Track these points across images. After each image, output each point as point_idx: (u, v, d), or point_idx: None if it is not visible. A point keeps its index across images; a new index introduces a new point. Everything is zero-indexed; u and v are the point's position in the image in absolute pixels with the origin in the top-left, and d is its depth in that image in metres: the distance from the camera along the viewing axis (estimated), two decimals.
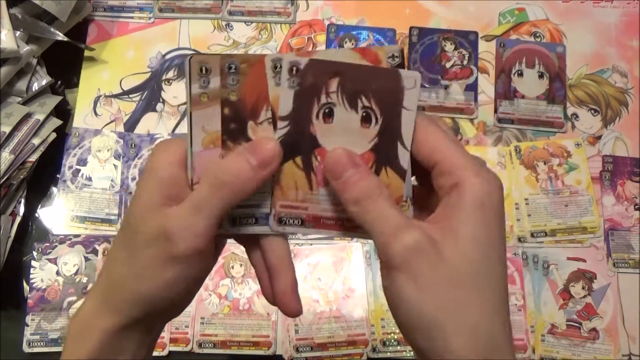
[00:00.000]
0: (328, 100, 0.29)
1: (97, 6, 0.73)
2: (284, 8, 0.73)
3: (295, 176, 0.30)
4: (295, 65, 0.29)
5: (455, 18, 0.73)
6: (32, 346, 0.59)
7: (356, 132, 0.30)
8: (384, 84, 0.29)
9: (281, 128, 0.30)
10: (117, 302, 0.30)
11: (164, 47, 0.72)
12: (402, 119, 0.29)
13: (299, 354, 0.59)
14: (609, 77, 0.71)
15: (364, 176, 0.28)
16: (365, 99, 0.29)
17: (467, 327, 0.26)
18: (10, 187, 0.61)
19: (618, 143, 0.68)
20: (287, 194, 0.31)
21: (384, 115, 0.29)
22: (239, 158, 0.29)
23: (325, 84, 0.29)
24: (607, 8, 0.74)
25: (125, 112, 0.69)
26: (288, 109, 0.29)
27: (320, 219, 0.31)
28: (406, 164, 0.30)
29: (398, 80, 0.29)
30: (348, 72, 0.29)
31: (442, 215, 0.28)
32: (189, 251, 0.28)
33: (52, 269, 0.61)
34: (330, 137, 0.30)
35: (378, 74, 0.29)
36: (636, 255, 0.63)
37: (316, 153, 0.30)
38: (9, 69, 0.61)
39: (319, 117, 0.29)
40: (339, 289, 0.61)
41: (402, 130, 0.29)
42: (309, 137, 0.30)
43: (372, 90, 0.29)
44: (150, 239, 0.29)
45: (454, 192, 0.28)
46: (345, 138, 0.30)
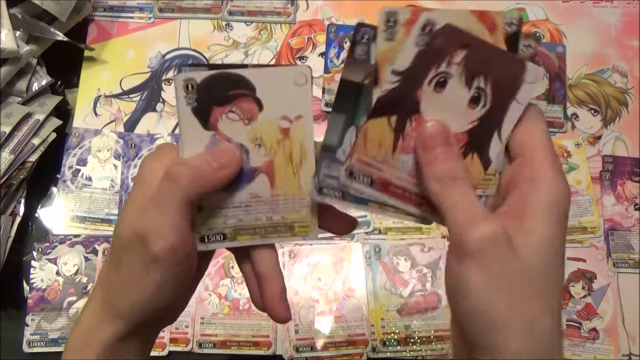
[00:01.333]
0: (447, 69, 0.28)
1: (97, 6, 0.73)
2: (284, 8, 0.73)
3: (383, 134, 0.29)
4: (430, 24, 0.27)
5: None
6: (32, 346, 0.59)
7: (460, 110, 0.29)
8: (506, 71, 0.28)
9: (390, 82, 0.28)
10: (112, 313, 0.31)
11: (164, 47, 0.72)
12: (509, 110, 0.28)
13: (299, 354, 0.59)
14: (609, 77, 0.71)
15: (454, 157, 0.28)
16: (482, 80, 0.28)
17: (530, 328, 0.26)
18: (10, 187, 0.61)
19: (618, 143, 0.68)
20: (368, 150, 0.30)
21: (494, 102, 0.28)
22: (198, 157, 0.30)
23: (451, 52, 0.28)
24: (607, 8, 0.74)
25: (125, 112, 0.69)
26: (405, 65, 0.28)
27: (390, 185, 0.30)
28: (494, 155, 0.29)
29: (522, 72, 0.28)
30: (477, 48, 0.28)
31: (516, 209, 0.27)
32: (164, 249, 0.28)
33: (52, 269, 0.61)
34: (434, 107, 0.29)
35: (505, 58, 0.28)
36: (636, 255, 0.63)
37: (413, 118, 0.29)
38: (9, 69, 0.61)
39: (431, 83, 0.28)
40: (339, 289, 0.61)
41: (505, 122, 0.29)
42: (412, 100, 0.29)
43: (493, 73, 0.28)
44: (127, 245, 0.29)
45: (529, 185, 0.27)
46: (447, 112, 0.29)
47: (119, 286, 0.30)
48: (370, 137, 0.29)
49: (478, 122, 0.29)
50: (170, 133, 0.68)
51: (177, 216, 0.29)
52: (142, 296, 0.30)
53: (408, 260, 0.62)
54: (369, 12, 0.73)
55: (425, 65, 0.28)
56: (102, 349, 0.30)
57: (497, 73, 0.28)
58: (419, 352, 0.59)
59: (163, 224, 0.28)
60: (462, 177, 0.28)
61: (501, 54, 0.28)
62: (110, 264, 0.31)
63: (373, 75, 0.29)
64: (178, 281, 0.30)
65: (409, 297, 0.61)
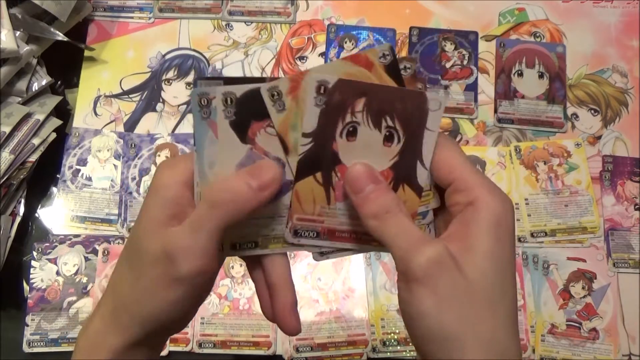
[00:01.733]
0: (353, 119, 0.30)
1: (97, 6, 0.73)
2: (284, 8, 0.73)
3: (314, 191, 0.31)
4: (323, 84, 0.29)
5: (455, 18, 0.73)
6: (32, 346, 0.59)
7: (378, 150, 0.30)
8: (409, 106, 0.29)
9: (303, 145, 0.30)
10: (124, 321, 0.31)
11: (164, 47, 0.72)
12: (424, 139, 0.30)
13: (299, 354, 0.59)
14: (609, 77, 0.71)
15: (384, 192, 0.29)
16: (389, 119, 0.30)
17: (484, 341, 0.26)
18: (10, 187, 0.61)
19: (618, 143, 0.68)
20: (305, 208, 0.31)
21: (407, 135, 0.30)
22: (238, 179, 0.29)
23: (351, 103, 0.29)
24: (607, 8, 0.74)
25: (125, 112, 0.69)
26: (312, 126, 0.30)
27: (336, 231, 0.32)
28: (423, 181, 0.30)
29: (423, 102, 0.29)
30: (374, 93, 0.29)
31: (458, 232, 0.28)
32: (192, 273, 0.29)
33: (52, 269, 0.61)
34: (352, 154, 0.30)
35: (404, 95, 0.30)
36: (636, 255, 0.63)
37: (337, 169, 0.30)
38: (9, 69, 0.61)
39: (342, 135, 0.30)
40: (339, 289, 0.61)
41: (423, 150, 0.30)
42: (330, 154, 0.30)
43: (396, 111, 0.29)
44: (153, 260, 0.29)
45: (469, 209, 0.28)
46: (366, 156, 0.30)
47: (136, 295, 0.30)
48: (303, 197, 0.31)
49: (398, 156, 0.30)
50: (170, 133, 0.68)
51: (210, 242, 0.29)
52: (159, 309, 0.30)
53: None
54: (369, 12, 0.73)
55: (331, 122, 0.30)
56: (111, 354, 0.31)
57: (401, 109, 0.29)
58: None
59: (194, 247, 0.29)
60: (397, 208, 0.29)
61: (398, 91, 0.30)
62: (126, 270, 0.31)
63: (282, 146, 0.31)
64: (197, 299, 0.31)
65: None
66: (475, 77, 0.70)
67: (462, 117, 0.69)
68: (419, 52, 0.71)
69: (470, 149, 0.67)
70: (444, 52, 0.71)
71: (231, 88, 0.30)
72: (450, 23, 0.73)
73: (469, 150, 0.67)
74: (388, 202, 0.29)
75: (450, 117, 0.69)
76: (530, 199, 0.65)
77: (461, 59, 0.71)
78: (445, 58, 0.71)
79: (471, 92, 0.69)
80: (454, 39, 0.72)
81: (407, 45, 0.71)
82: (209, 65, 0.71)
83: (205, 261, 0.29)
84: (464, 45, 0.71)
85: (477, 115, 0.69)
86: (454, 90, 0.69)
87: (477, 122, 0.69)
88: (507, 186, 0.65)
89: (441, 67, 0.70)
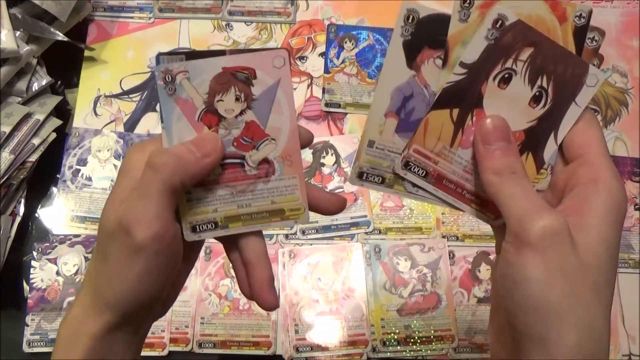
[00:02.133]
0: (513, 66, 0.29)
1: (97, 6, 0.73)
2: (284, 8, 0.73)
3: (443, 127, 0.30)
4: (501, 18, 0.28)
5: None
6: (32, 346, 0.59)
7: (521, 108, 0.29)
8: (569, 72, 0.29)
9: (457, 73, 0.29)
10: (100, 304, 0.31)
11: (164, 47, 0.72)
12: (568, 112, 0.29)
13: (299, 354, 0.59)
14: (609, 77, 0.71)
15: (514, 152, 0.29)
16: (545, 79, 0.29)
17: (583, 325, 0.26)
18: (10, 187, 0.61)
19: (618, 143, 0.68)
20: (427, 141, 0.30)
21: (554, 102, 0.29)
22: (181, 146, 0.30)
23: (518, 49, 0.28)
24: (607, 8, 0.74)
25: (125, 112, 0.69)
26: (473, 58, 0.29)
27: (444, 179, 0.31)
28: (548, 156, 0.30)
29: (584, 75, 0.29)
30: (544, 47, 0.28)
31: (576, 207, 0.28)
32: (147, 239, 0.28)
33: (52, 269, 0.61)
34: (496, 102, 0.29)
35: (570, 60, 0.29)
36: (636, 255, 0.63)
37: (475, 112, 0.29)
38: (9, 69, 0.61)
39: (495, 79, 0.29)
40: (339, 289, 0.61)
41: (562, 123, 0.29)
42: (476, 94, 0.29)
43: (556, 73, 0.29)
44: (111, 235, 0.29)
45: (590, 186, 0.28)
46: (508, 109, 0.29)
47: (105, 277, 0.30)
48: (431, 128, 0.30)
49: (536, 121, 0.29)
50: None
51: (160, 205, 0.29)
52: (128, 286, 0.30)
53: (408, 260, 0.62)
54: (369, 12, 0.73)
55: (492, 60, 0.29)
56: (91, 340, 0.30)
57: (560, 74, 0.29)
58: (419, 352, 0.59)
59: (145, 213, 0.28)
60: (521, 171, 0.28)
61: (567, 54, 0.29)
62: (96, 255, 0.31)
63: (444, 55, 0.30)
64: (163, 270, 0.30)
65: (409, 297, 0.61)
66: None
67: None
68: None
69: None
70: None
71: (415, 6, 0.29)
72: None
73: None
74: (515, 163, 0.28)
75: None
76: None
77: None
78: None
79: None
80: None
81: None
82: None
83: (158, 226, 0.28)
84: None
85: None
86: None
87: None
88: None
89: None
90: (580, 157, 0.29)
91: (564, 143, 0.30)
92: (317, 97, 0.69)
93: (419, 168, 0.31)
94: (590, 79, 0.29)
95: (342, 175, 0.65)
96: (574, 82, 0.29)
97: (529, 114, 0.29)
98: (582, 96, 0.29)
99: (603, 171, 0.28)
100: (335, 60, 0.71)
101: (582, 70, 0.29)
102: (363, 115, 0.69)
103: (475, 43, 0.28)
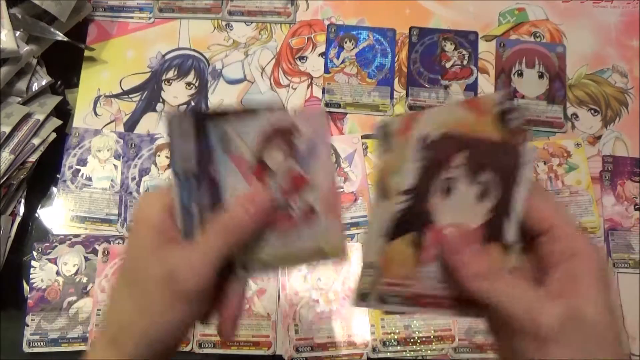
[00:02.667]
0: (450, 175, 0.30)
1: (97, 6, 0.73)
2: (284, 8, 0.73)
3: (403, 253, 0.31)
4: (425, 137, 0.29)
5: (455, 18, 0.73)
6: (32, 346, 0.59)
7: (471, 208, 0.30)
8: (505, 160, 0.29)
9: (400, 202, 0.30)
10: (126, 343, 0.32)
11: (164, 47, 0.72)
12: (516, 194, 0.30)
13: (299, 354, 0.59)
14: (609, 77, 0.71)
15: (485, 253, 0.30)
16: (484, 175, 0.30)
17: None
18: (10, 187, 0.61)
19: (618, 143, 0.68)
20: (392, 272, 0.31)
21: (500, 190, 0.30)
22: (239, 208, 0.32)
23: (451, 157, 0.29)
24: (607, 8, 0.74)
25: (125, 112, 0.69)
26: (410, 183, 0.30)
27: (421, 296, 0.32)
28: (511, 238, 0.30)
29: (519, 156, 0.29)
30: (475, 147, 0.29)
31: (569, 284, 0.29)
32: (196, 291, 0.31)
33: (52, 269, 0.61)
34: (446, 212, 0.30)
35: (501, 149, 0.30)
36: (636, 255, 0.63)
37: (429, 229, 0.30)
38: (9, 69, 0.61)
39: (437, 192, 0.30)
40: (339, 289, 0.61)
41: (515, 204, 0.30)
42: (425, 213, 0.30)
43: (492, 166, 0.30)
44: (157, 280, 0.31)
45: (574, 261, 0.29)
46: (460, 213, 0.30)
47: (140, 319, 0.31)
48: (391, 259, 0.31)
49: (490, 213, 0.30)
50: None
51: (214, 261, 0.31)
52: (165, 329, 0.31)
53: None
54: (369, 12, 0.73)
55: (429, 177, 0.30)
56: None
57: (498, 164, 0.30)
58: (419, 352, 0.59)
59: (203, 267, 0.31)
60: (501, 268, 0.29)
61: (497, 145, 0.30)
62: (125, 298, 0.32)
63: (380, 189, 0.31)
64: (195, 316, 0.33)
65: None
66: (475, 77, 0.70)
67: None
68: (419, 52, 0.71)
69: None
70: (444, 52, 0.71)
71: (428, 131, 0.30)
72: (450, 23, 0.73)
73: None
74: (494, 261, 0.29)
75: None
76: None
77: (461, 59, 0.71)
78: (445, 58, 0.71)
79: (471, 92, 0.69)
80: (454, 39, 0.72)
81: (407, 45, 0.71)
82: (209, 65, 0.71)
83: (208, 281, 0.31)
84: (464, 45, 0.71)
85: None
86: (454, 90, 0.69)
87: None
88: None
89: (441, 67, 0.70)
90: (547, 231, 0.30)
91: (525, 221, 0.30)
92: (317, 97, 0.69)
93: (394, 297, 0.32)
94: (526, 157, 0.29)
95: (342, 175, 0.65)
96: (511, 166, 0.29)
97: (481, 210, 0.30)
98: (523, 174, 0.30)
99: (577, 243, 0.29)
100: (335, 60, 0.71)
101: (516, 152, 0.29)
102: (363, 115, 0.69)
103: (407, 168, 0.30)
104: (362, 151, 0.66)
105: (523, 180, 0.30)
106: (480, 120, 0.30)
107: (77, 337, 0.59)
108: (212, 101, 0.70)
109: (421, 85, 0.70)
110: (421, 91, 0.69)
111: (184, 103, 0.70)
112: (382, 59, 0.71)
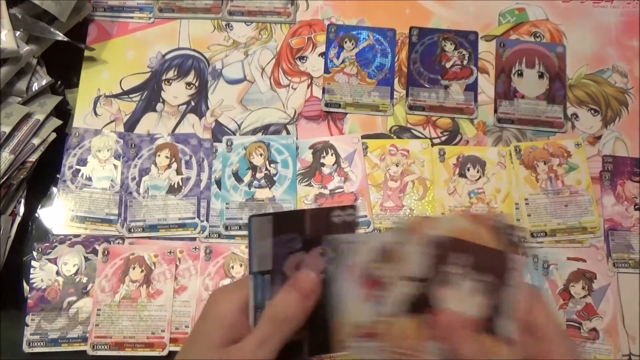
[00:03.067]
0: (452, 269, 0.34)
1: (97, 6, 0.73)
2: (284, 8, 0.73)
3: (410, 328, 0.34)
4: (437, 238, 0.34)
5: (455, 18, 0.73)
6: (32, 346, 0.59)
7: (469, 300, 0.34)
8: (498, 265, 0.34)
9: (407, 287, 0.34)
10: None
11: (164, 47, 0.72)
12: (508, 295, 0.34)
13: None
14: (609, 77, 0.71)
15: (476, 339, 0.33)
16: (484, 275, 0.34)
17: None
18: (10, 187, 0.61)
19: (618, 143, 0.68)
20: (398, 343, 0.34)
21: (493, 289, 0.34)
22: (288, 295, 0.35)
23: (455, 256, 0.34)
24: (607, 8, 0.74)
25: (125, 112, 0.69)
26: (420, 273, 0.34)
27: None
28: (504, 332, 0.34)
29: (512, 263, 0.34)
30: (477, 253, 0.34)
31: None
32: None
33: (52, 269, 0.61)
34: (447, 301, 0.34)
35: (499, 256, 0.34)
36: (636, 255, 0.63)
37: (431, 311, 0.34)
38: (9, 69, 0.61)
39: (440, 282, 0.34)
40: None
41: (506, 304, 0.34)
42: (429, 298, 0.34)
43: (491, 268, 0.34)
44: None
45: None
46: (459, 303, 0.34)
47: None
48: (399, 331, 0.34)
49: (484, 307, 0.34)
50: (170, 133, 0.68)
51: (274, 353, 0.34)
52: None
53: None
54: (369, 12, 0.73)
55: (435, 269, 0.34)
56: None
57: (494, 267, 0.34)
58: None
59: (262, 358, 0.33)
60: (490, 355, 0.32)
61: (495, 252, 0.34)
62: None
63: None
64: None
65: None
66: (475, 77, 0.70)
67: (462, 117, 0.69)
68: (419, 52, 0.71)
69: (470, 149, 0.67)
70: (444, 52, 0.71)
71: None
72: (450, 23, 0.73)
73: (469, 151, 0.67)
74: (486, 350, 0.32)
75: (450, 117, 0.69)
76: (530, 199, 0.65)
77: (461, 59, 0.71)
78: (445, 58, 0.71)
79: (471, 92, 0.69)
80: (454, 39, 0.72)
81: (407, 45, 0.71)
82: (209, 65, 0.71)
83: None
84: (464, 45, 0.71)
85: (477, 115, 0.69)
86: (454, 90, 0.69)
87: (477, 122, 0.69)
88: (507, 186, 0.65)
89: (441, 67, 0.70)
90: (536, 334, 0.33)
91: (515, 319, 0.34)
92: (317, 97, 0.69)
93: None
94: (515, 264, 0.34)
95: (342, 175, 0.65)
96: (503, 269, 0.34)
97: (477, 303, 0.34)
98: (516, 278, 0.34)
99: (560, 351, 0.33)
100: (335, 60, 0.71)
101: (508, 260, 0.34)
102: (363, 115, 0.69)
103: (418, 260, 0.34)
104: (362, 151, 0.66)
105: (512, 282, 0.34)
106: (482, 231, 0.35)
107: (77, 337, 0.59)
108: (212, 101, 0.70)
109: (421, 85, 0.70)
110: (421, 91, 0.69)
111: (184, 103, 0.70)
112: (382, 59, 0.71)
